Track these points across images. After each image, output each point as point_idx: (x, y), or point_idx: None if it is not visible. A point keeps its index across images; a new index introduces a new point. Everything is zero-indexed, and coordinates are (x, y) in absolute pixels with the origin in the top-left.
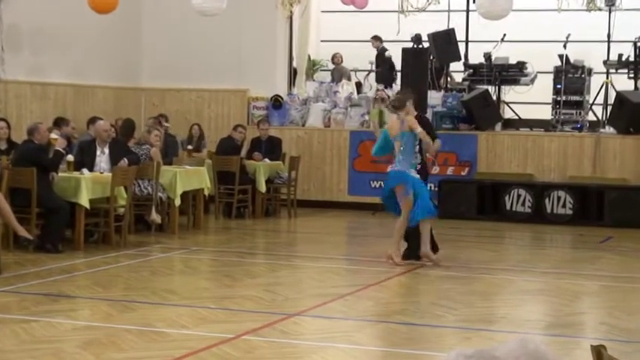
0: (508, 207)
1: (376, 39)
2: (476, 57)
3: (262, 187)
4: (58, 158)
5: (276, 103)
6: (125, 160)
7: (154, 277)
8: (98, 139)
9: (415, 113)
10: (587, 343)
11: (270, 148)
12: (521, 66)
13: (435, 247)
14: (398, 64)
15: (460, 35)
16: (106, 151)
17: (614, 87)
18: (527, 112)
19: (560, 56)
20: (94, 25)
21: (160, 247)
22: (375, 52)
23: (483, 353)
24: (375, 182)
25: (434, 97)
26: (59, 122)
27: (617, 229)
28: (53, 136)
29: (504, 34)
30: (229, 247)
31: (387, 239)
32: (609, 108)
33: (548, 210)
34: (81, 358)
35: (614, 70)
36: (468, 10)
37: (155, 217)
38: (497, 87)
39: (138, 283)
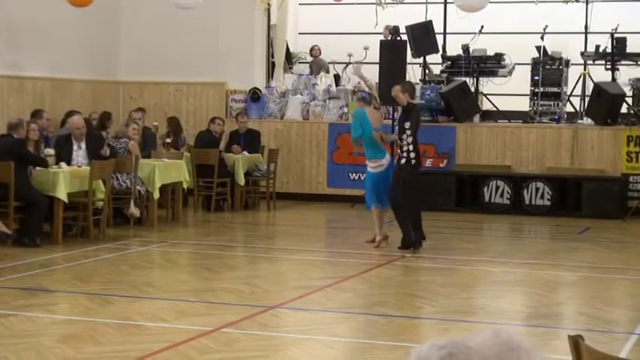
0: (487, 198)
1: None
2: (454, 49)
3: (241, 180)
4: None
5: (255, 95)
6: (107, 148)
7: (132, 271)
8: (73, 134)
9: (412, 102)
10: (565, 333)
11: (249, 141)
12: (499, 58)
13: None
14: (376, 56)
15: (438, 27)
16: (83, 145)
17: (591, 78)
18: (505, 104)
19: (538, 48)
20: (72, 19)
21: (138, 241)
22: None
23: (457, 344)
24: (354, 174)
25: None
26: (35, 115)
27: (595, 219)
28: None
29: (482, 26)
30: (208, 240)
31: (366, 231)
32: (587, 99)
33: (527, 201)
34: (60, 352)
35: (591, 62)
36: (445, 2)
37: (134, 210)
38: (475, 79)
39: (117, 276)
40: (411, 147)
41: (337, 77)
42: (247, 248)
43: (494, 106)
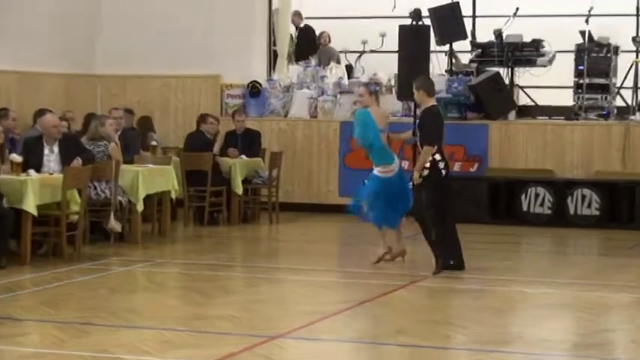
0: (525, 208)
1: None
2: (485, 35)
3: (239, 189)
4: None
5: (254, 90)
6: (78, 158)
7: (112, 295)
8: (46, 135)
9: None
10: None
11: (248, 142)
12: (537, 44)
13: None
14: (394, 44)
15: (466, 9)
16: (56, 149)
17: None
18: (545, 98)
19: (582, 33)
20: (42, 4)
21: (119, 260)
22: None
23: None
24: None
25: (437, 82)
26: None
27: None
28: None
29: (517, 8)
30: (201, 259)
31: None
32: None
33: (572, 211)
34: None
35: None
36: None
37: (114, 224)
38: (509, 69)
39: (94, 302)
40: (437, 155)
41: (349, 68)
42: (246, 268)
43: (533, 101)
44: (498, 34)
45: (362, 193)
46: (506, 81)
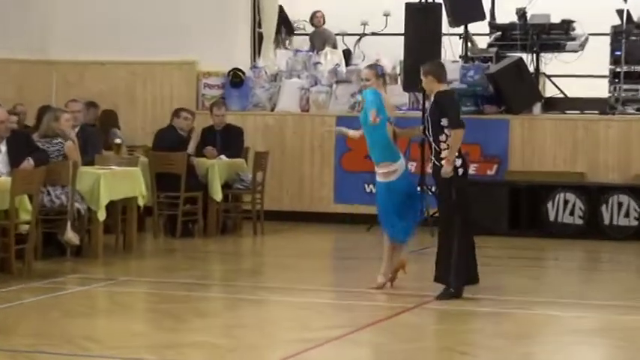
0: (551, 217)
1: None
2: (505, 15)
3: (217, 195)
4: None
5: (236, 79)
6: (29, 159)
7: (68, 319)
8: None
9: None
10: None
11: (228, 140)
12: (566, 26)
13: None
14: (400, 26)
15: None
16: (3, 148)
17: None
18: (575, 89)
19: (620, 12)
20: None
21: (77, 278)
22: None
23: None
24: (371, 186)
25: (450, 70)
26: None
27: None
28: None
29: None
30: (172, 277)
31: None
32: None
33: (606, 221)
34: None
35: None
36: None
37: (71, 236)
38: (534, 55)
39: (47, 326)
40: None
41: (347, 54)
42: (225, 287)
43: (561, 92)
44: (522, 14)
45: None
46: (531, 69)
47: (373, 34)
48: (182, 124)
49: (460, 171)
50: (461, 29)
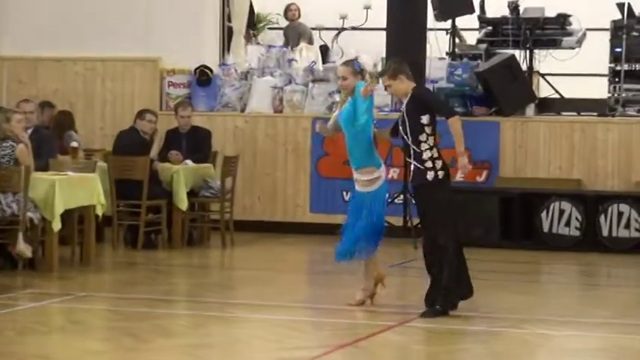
0: (546, 228)
1: None
2: (496, 8)
3: (182, 203)
4: None
5: (203, 77)
6: None
7: (20, 338)
8: None
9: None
10: None
11: (194, 144)
12: (562, 21)
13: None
14: (382, 20)
15: None
16: None
17: None
18: (572, 89)
19: (620, 6)
20: None
21: (30, 294)
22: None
23: None
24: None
25: (436, 68)
26: None
27: None
28: None
29: None
30: (134, 292)
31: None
32: None
33: (605, 232)
34: None
35: None
36: None
37: (23, 248)
38: (528, 52)
39: None
40: (434, 152)
41: (325, 50)
42: (192, 303)
43: (557, 92)
44: (514, 7)
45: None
46: (523, 67)
47: (353, 28)
48: (146, 127)
49: (441, 174)
50: (448, 24)
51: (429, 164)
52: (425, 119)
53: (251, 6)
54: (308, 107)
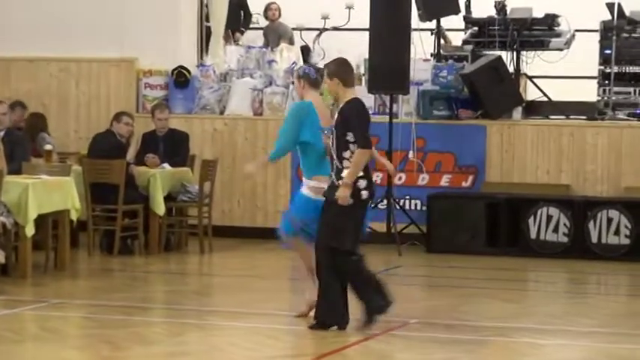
0: (533, 235)
1: None
2: (483, 8)
3: (160, 208)
4: None
5: (181, 79)
6: None
7: None
8: None
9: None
10: None
11: (172, 147)
12: (551, 21)
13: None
14: (364, 20)
15: None
16: None
17: None
18: (560, 92)
19: (610, 6)
20: None
21: (3, 300)
22: None
23: None
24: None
25: (420, 69)
26: None
27: None
28: None
29: None
30: (109, 299)
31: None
32: None
33: (594, 239)
34: None
35: None
36: None
37: None
38: (515, 53)
39: None
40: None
41: (306, 50)
42: (169, 311)
43: (545, 95)
44: (501, 7)
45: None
46: (510, 69)
47: (335, 28)
48: (122, 130)
49: (364, 194)
50: (433, 24)
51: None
52: (350, 136)
53: (245, 7)
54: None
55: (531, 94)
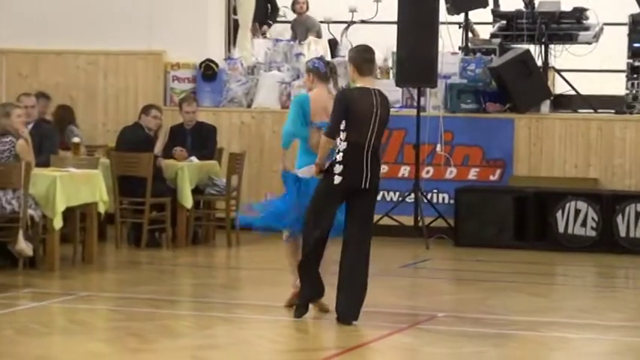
0: (561, 229)
1: None
2: (511, 1)
3: (187, 201)
4: None
5: (208, 72)
6: None
7: (21, 338)
8: None
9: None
10: None
11: (200, 140)
12: (579, 14)
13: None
14: (392, 13)
15: None
16: None
17: None
18: (589, 85)
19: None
20: None
21: (31, 293)
22: None
23: None
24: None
25: (448, 63)
26: None
27: None
28: None
29: None
30: (137, 292)
31: (380, 278)
32: None
33: (622, 232)
34: None
35: None
36: None
37: (24, 246)
38: (543, 47)
39: None
40: (340, 156)
41: (333, 44)
42: (197, 304)
43: (573, 89)
44: (529, 1)
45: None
46: (539, 62)
47: (362, 22)
48: (150, 123)
49: (337, 179)
50: (461, 17)
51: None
52: (342, 125)
53: (272, 0)
54: None
55: (559, 87)
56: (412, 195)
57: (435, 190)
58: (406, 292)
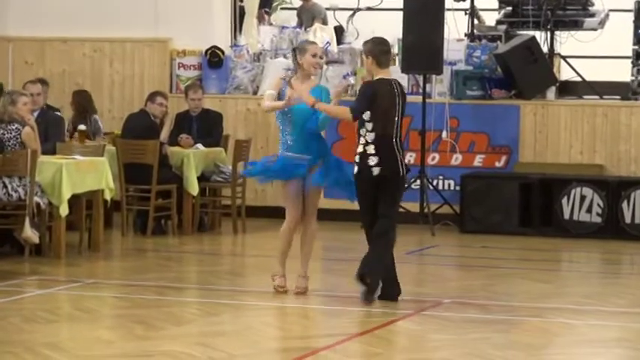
0: (567, 215)
1: None
2: None
3: (193, 188)
4: None
5: (214, 59)
6: None
7: (27, 326)
8: None
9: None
10: None
11: (206, 127)
12: (585, 1)
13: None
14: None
15: None
16: None
17: None
18: (594, 72)
19: None
20: None
21: (37, 280)
22: None
23: None
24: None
25: (454, 50)
26: None
27: None
28: None
29: None
30: (143, 279)
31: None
32: None
33: (627, 219)
34: None
35: None
36: None
37: (30, 233)
38: (548, 33)
39: (4, 334)
40: (372, 148)
41: (339, 31)
42: (203, 291)
43: (578, 75)
44: None
45: None
46: (544, 49)
47: (368, 8)
48: (156, 110)
49: (376, 170)
50: (466, 4)
51: (357, 159)
52: (367, 115)
53: None
54: None
55: (565, 74)
56: (418, 181)
57: (441, 177)
58: (412, 279)
